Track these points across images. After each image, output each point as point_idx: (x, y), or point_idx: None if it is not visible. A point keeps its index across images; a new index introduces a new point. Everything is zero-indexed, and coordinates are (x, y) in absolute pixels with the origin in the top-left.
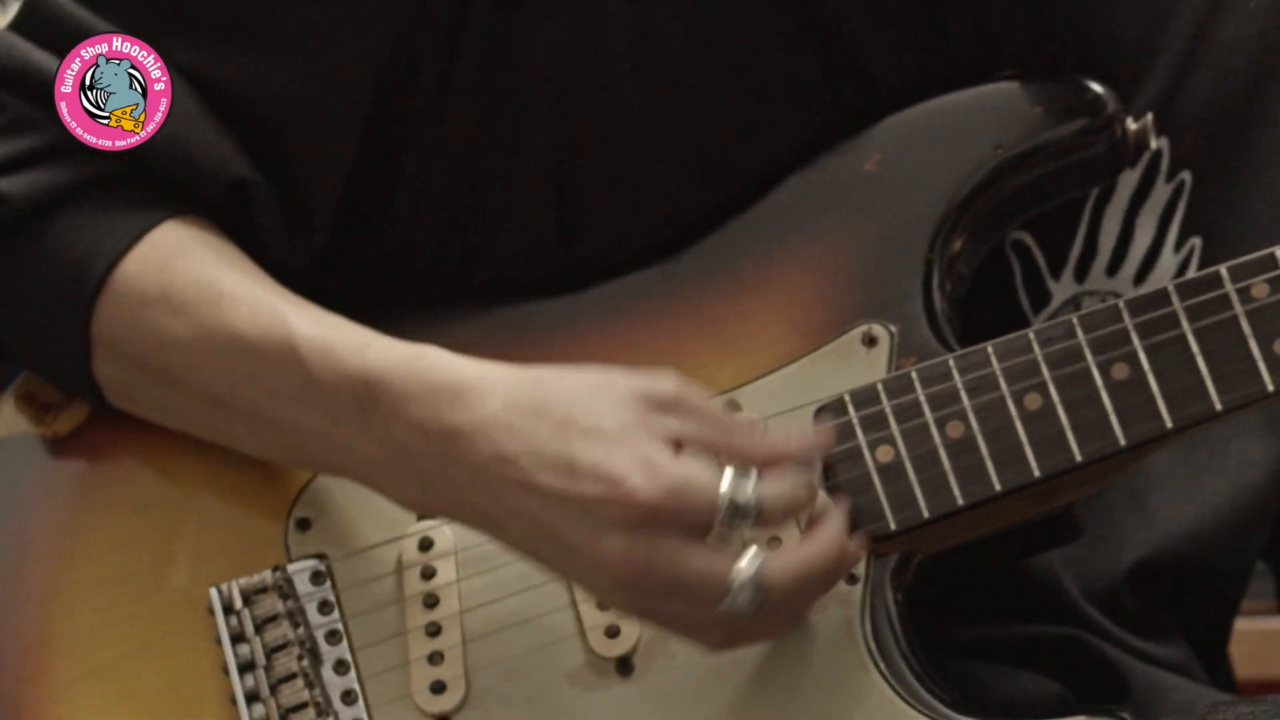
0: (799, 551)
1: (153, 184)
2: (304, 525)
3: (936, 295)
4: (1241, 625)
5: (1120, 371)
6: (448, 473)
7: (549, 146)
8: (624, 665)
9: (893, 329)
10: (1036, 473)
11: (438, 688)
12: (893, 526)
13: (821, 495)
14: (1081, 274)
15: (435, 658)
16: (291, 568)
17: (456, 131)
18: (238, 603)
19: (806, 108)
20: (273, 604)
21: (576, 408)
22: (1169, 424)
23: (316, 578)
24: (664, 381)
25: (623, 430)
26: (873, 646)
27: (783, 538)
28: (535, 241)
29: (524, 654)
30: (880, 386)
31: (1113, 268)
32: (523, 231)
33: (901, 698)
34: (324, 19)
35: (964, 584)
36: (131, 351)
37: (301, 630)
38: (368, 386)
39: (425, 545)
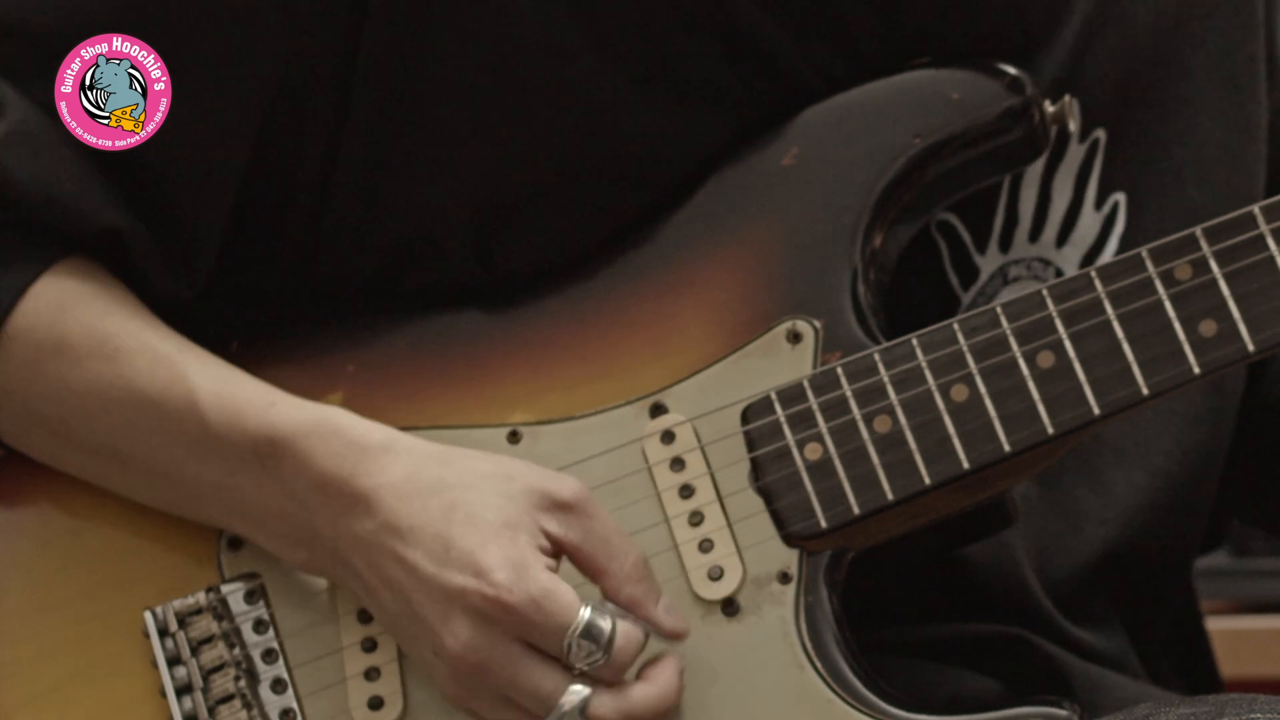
0: (631, 692)
1: (28, 230)
2: (236, 544)
3: (860, 288)
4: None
5: (1046, 360)
6: (340, 533)
7: (460, 168)
8: None
9: (817, 324)
10: (965, 465)
11: (375, 703)
12: (823, 524)
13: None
14: (1005, 244)
15: (372, 673)
16: (225, 588)
17: (356, 157)
18: (173, 625)
19: (721, 108)
20: (208, 625)
21: (469, 493)
22: (1096, 411)
23: (250, 597)
24: (564, 484)
25: (504, 525)
26: (809, 645)
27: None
28: (452, 260)
29: None
30: (806, 383)
31: (1034, 233)
32: (438, 251)
33: (839, 696)
34: (199, 61)
35: (903, 581)
36: (27, 403)
37: (238, 651)
38: (270, 444)
39: None
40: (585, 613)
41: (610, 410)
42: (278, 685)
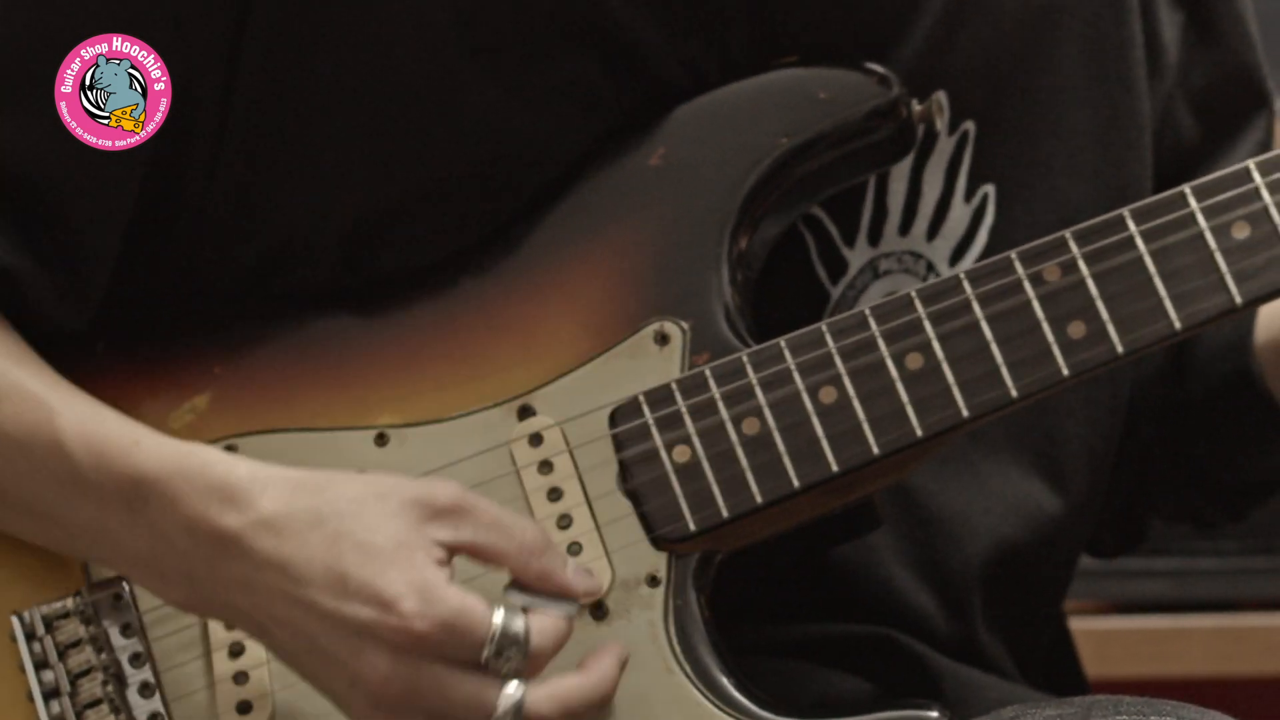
0: (566, 681)
1: None
2: None
3: (728, 289)
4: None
5: (914, 361)
6: (216, 573)
7: (333, 175)
8: None
9: (684, 325)
10: (834, 467)
11: (244, 707)
12: (692, 527)
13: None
14: (875, 237)
15: (240, 677)
16: (92, 592)
17: (232, 162)
18: (40, 629)
19: (595, 110)
20: (75, 629)
21: (350, 520)
22: (965, 413)
23: (118, 600)
24: (442, 489)
25: (397, 548)
26: (678, 649)
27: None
28: (321, 265)
29: None
30: (674, 386)
31: (904, 227)
32: (308, 257)
33: (709, 699)
34: None
35: (772, 581)
36: None
37: (105, 655)
38: (135, 485)
39: None
40: (498, 620)
41: (478, 412)
42: (145, 689)
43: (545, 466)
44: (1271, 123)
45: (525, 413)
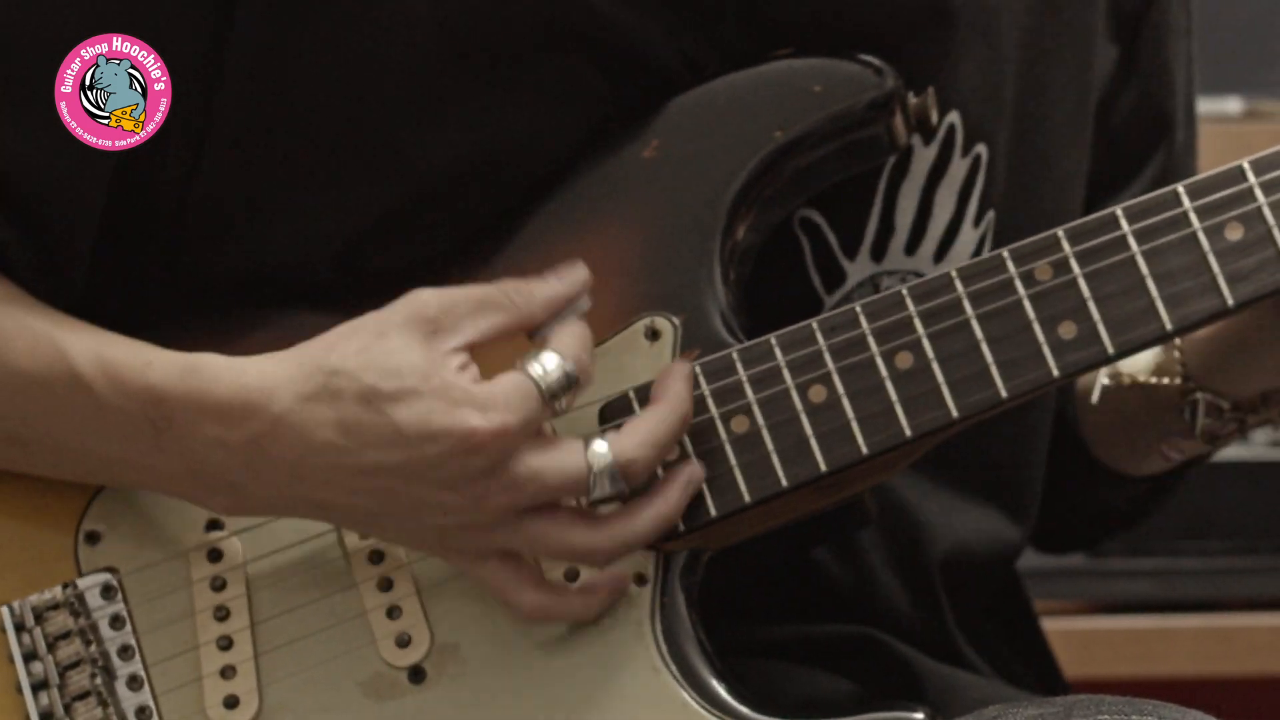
0: (645, 420)
1: None
2: (93, 538)
3: (720, 285)
4: (1052, 625)
5: (904, 360)
6: (260, 476)
7: (321, 179)
8: (416, 674)
9: (676, 321)
10: (823, 467)
11: (231, 702)
12: (680, 526)
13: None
14: (879, 254)
15: (228, 671)
16: (82, 583)
17: (219, 169)
18: (29, 620)
19: (586, 106)
20: (64, 621)
21: (369, 374)
22: (954, 413)
23: (107, 592)
24: (423, 300)
25: (425, 377)
26: (664, 648)
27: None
28: (313, 266)
29: (317, 666)
30: None
31: (911, 246)
32: (299, 254)
33: (695, 700)
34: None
35: (757, 580)
36: None
37: (94, 647)
38: (157, 404)
39: (214, 557)
40: (537, 371)
41: None
42: (133, 682)
43: None
44: (1170, 160)
45: None
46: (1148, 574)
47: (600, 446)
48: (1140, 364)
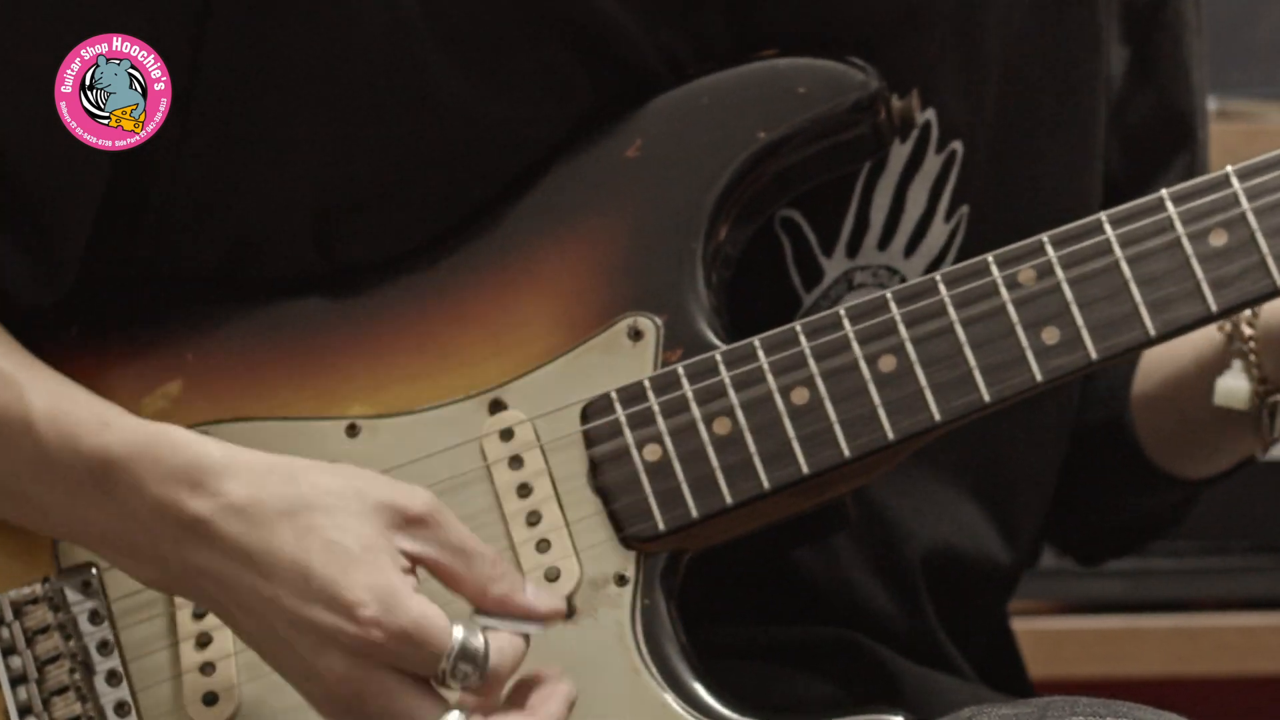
0: (507, 717)
1: None
2: None
3: (703, 285)
4: (1022, 625)
5: (888, 364)
6: (184, 556)
7: (303, 163)
8: None
9: (658, 321)
10: (805, 470)
11: (210, 699)
12: (661, 527)
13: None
14: (854, 249)
15: (207, 668)
16: (61, 578)
17: (199, 149)
18: (8, 615)
19: (568, 98)
20: (44, 615)
21: (321, 514)
22: (937, 417)
23: (86, 587)
24: (415, 497)
25: (364, 550)
26: (645, 649)
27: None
28: (293, 252)
29: None
30: (647, 382)
31: (884, 241)
32: (279, 244)
33: (675, 701)
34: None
35: (737, 581)
36: None
37: (73, 642)
38: (104, 466)
39: None
40: (458, 635)
41: (450, 405)
42: (112, 678)
43: (515, 462)
44: (1195, 159)
45: (496, 406)
46: (1118, 574)
47: (454, 717)
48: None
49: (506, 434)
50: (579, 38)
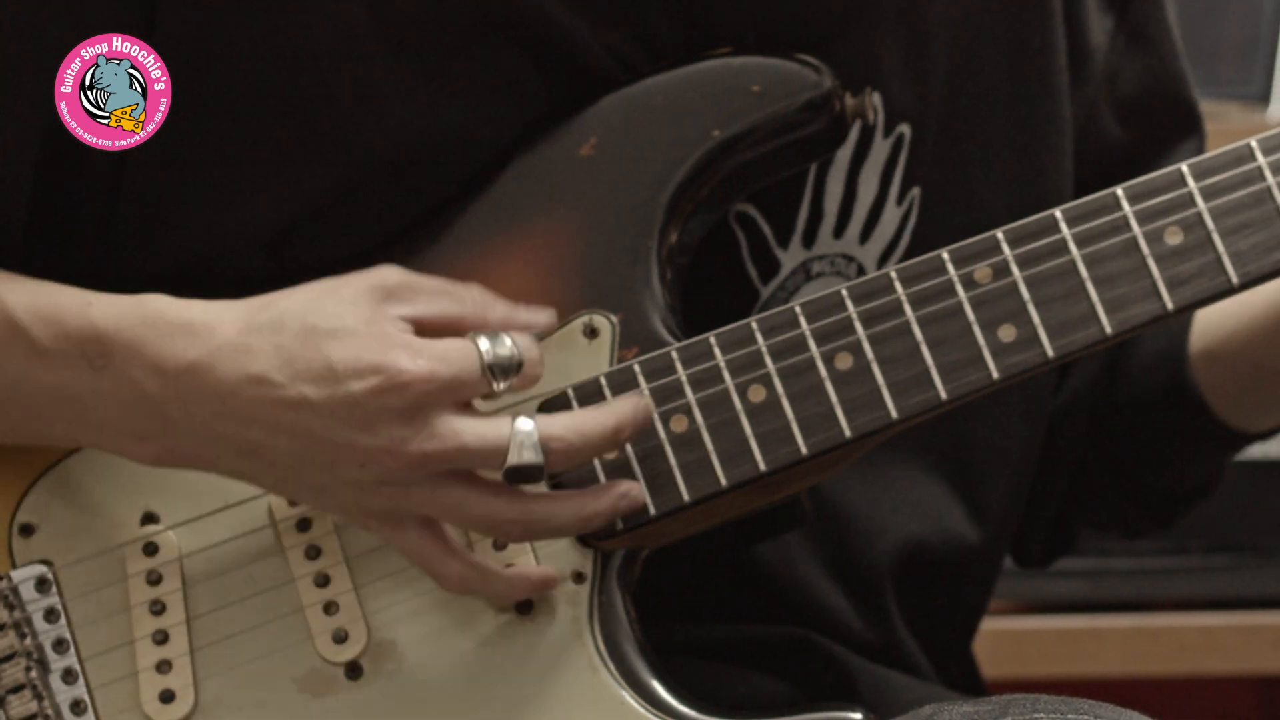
0: (578, 412)
1: None
2: (27, 531)
3: (658, 283)
4: (982, 625)
5: (844, 361)
6: (192, 409)
7: (253, 164)
8: (353, 670)
9: (614, 319)
10: (762, 467)
11: (167, 697)
12: (619, 525)
13: None
14: (809, 240)
15: (164, 666)
16: (16, 575)
17: (151, 155)
18: None
19: (519, 100)
20: None
21: (313, 315)
22: (894, 415)
23: (42, 585)
24: (386, 272)
25: (368, 323)
26: (602, 647)
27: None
28: (243, 259)
29: (253, 661)
30: (603, 380)
31: (839, 229)
32: (230, 247)
33: (633, 698)
34: None
35: (694, 579)
36: None
37: (28, 640)
38: (97, 341)
39: (150, 551)
40: (484, 344)
41: None
42: (68, 676)
43: None
44: (1201, 149)
45: None
46: (1077, 574)
47: (525, 421)
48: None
49: None
50: (527, 40)
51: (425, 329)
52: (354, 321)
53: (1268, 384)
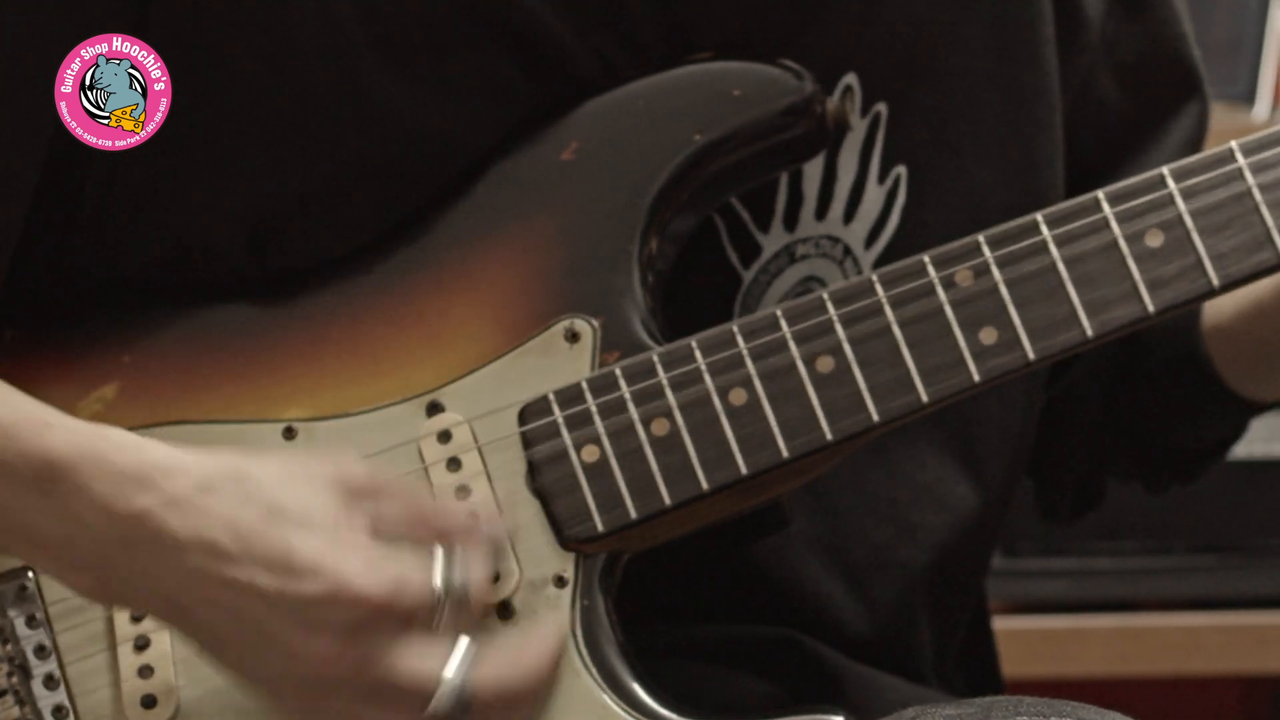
0: (509, 655)
1: None
2: None
3: (639, 287)
4: None
5: (825, 365)
6: (132, 556)
7: (237, 172)
8: None
9: (595, 323)
10: (744, 470)
11: (149, 702)
12: (600, 528)
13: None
14: (791, 223)
15: (145, 671)
16: None
17: (135, 157)
18: None
19: (503, 102)
20: None
21: (282, 496)
22: (875, 418)
23: (22, 592)
24: (354, 466)
25: (334, 524)
26: (584, 650)
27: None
28: (226, 258)
29: None
30: (585, 384)
31: (821, 211)
32: (213, 251)
33: (615, 702)
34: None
35: (676, 581)
36: None
37: (10, 646)
38: (48, 467)
39: None
40: (439, 573)
41: (387, 407)
42: (50, 681)
43: (454, 464)
44: (1204, 113)
45: (434, 409)
46: (1061, 574)
47: (455, 668)
48: None
49: (444, 436)
50: (513, 42)
51: (383, 531)
52: (322, 516)
53: (1274, 359)
